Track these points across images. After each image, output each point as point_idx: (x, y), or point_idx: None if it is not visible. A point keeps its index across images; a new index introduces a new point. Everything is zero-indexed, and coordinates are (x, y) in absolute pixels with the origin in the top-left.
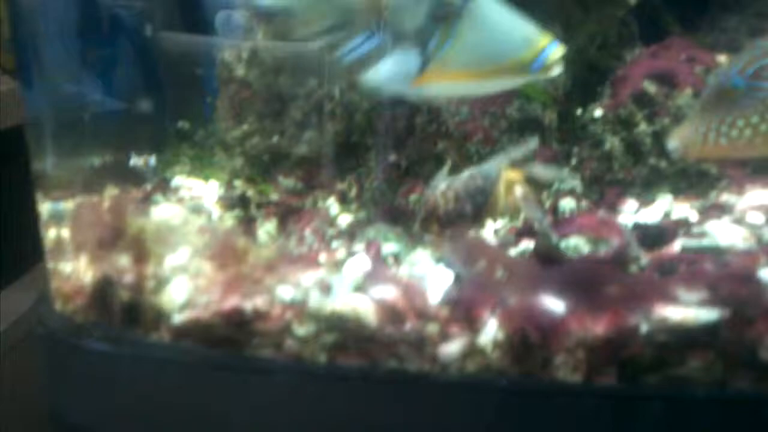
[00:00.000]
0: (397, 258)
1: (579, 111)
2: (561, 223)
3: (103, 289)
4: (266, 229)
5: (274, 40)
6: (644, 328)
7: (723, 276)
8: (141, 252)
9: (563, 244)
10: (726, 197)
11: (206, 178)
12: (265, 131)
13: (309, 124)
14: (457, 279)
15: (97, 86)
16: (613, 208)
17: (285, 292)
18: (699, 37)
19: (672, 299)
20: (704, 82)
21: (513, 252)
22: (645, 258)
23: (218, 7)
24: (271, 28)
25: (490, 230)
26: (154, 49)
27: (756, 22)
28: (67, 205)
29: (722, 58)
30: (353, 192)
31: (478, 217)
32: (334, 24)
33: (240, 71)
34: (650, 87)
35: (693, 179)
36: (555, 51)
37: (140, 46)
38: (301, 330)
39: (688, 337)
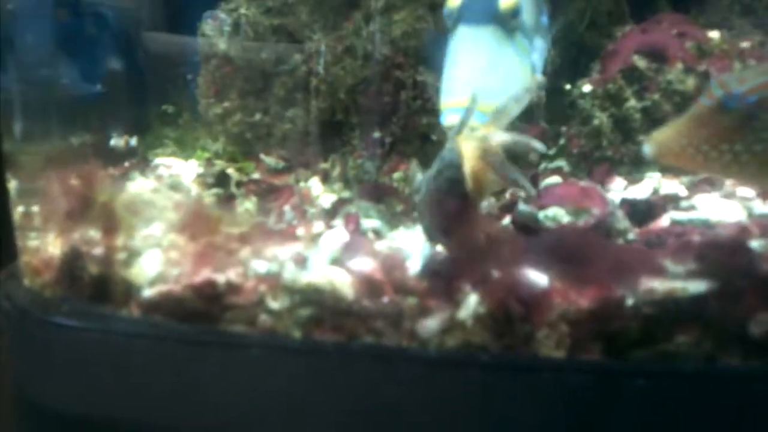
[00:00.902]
0: (378, 233)
1: (568, 86)
2: (540, 194)
3: (72, 262)
4: (246, 206)
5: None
6: (630, 300)
7: (711, 246)
8: (111, 223)
9: (542, 215)
10: None
11: (187, 157)
12: (247, 108)
13: (292, 101)
14: (437, 249)
15: (76, 68)
16: (601, 186)
17: (259, 265)
18: (691, 16)
19: (659, 271)
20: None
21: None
22: (633, 232)
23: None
24: None
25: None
26: (138, 48)
27: (749, 1)
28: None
29: (714, 34)
30: (336, 171)
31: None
32: None
33: (222, 46)
34: (640, 62)
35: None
36: (448, 118)
37: (123, 43)
38: (276, 304)
39: (676, 310)
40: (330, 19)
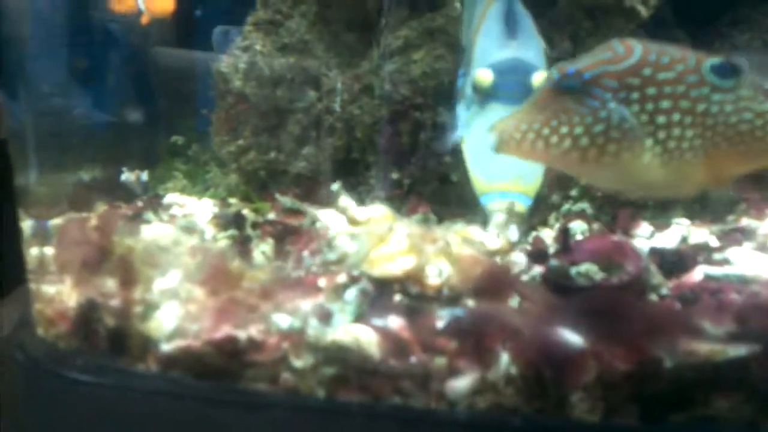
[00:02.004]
0: None
1: None
2: (571, 248)
3: (88, 314)
4: (262, 249)
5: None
6: (668, 363)
7: (752, 308)
8: (128, 274)
9: (574, 271)
10: (746, 221)
11: (200, 194)
12: (261, 146)
13: (308, 140)
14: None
15: (87, 99)
16: (626, 231)
17: (282, 320)
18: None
19: (697, 332)
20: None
21: (524, 278)
22: (665, 286)
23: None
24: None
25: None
26: (147, 62)
27: None
28: (55, 222)
29: None
30: None
31: None
32: None
33: (237, 83)
34: None
35: (708, 202)
36: (495, 204)
37: (133, 58)
38: (299, 362)
39: (715, 374)
40: (347, 56)
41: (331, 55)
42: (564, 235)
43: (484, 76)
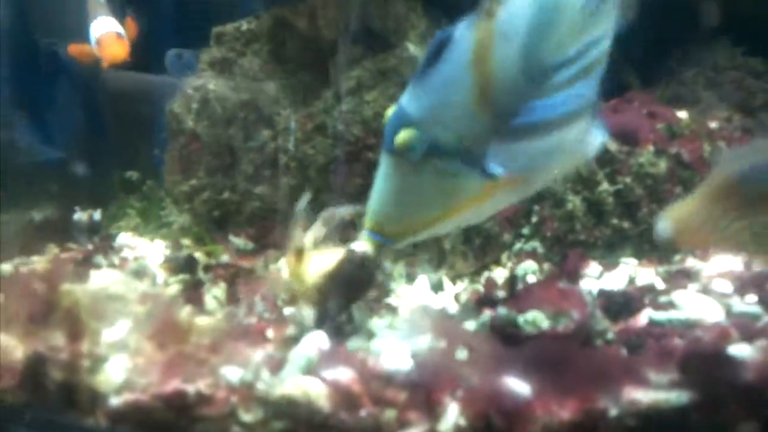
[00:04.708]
0: (354, 327)
1: None
2: (518, 295)
3: (35, 367)
4: (214, 294)
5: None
6: (613, 412)
7: (693, 355)
8: (75, 327)
9: (521, 319)
10: (691, 262)
11: (153, 234)
12: (215, 186)
13: (261, 179)
14: (415, 357)
15: (34, 133)
16: (576, 271)
17: (231, 373)
18: (659, 89)
19: (642, 380)
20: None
21: (474, 324)
22: (611, 331)
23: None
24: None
25: (451, 295)
26: (99, 99)
27: (713, 75)
28: (4, 267)
29: (683, 114)
30: None
31: None
32: None
33: (189, 123)
34: (611, 144)
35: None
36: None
37: (83, 89)
38: (248, 416)
39: (659, 422)
40: (300, 95)
41: (284, 93)
42: (511, 282)
43: (389, 112)
